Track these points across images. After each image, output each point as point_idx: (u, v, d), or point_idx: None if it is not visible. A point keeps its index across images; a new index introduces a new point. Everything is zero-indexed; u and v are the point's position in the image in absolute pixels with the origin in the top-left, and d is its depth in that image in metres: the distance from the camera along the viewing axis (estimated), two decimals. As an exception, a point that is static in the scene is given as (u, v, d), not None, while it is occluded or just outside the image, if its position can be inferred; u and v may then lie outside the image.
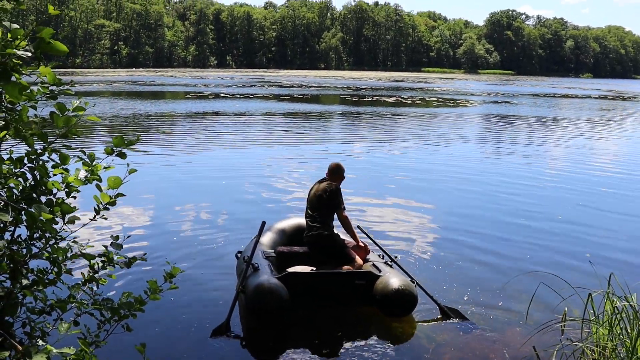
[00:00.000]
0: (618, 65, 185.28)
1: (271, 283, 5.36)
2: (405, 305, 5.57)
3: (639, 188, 12.49)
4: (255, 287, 5.34)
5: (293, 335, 5.45)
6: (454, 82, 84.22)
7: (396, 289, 5.53)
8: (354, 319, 5.78)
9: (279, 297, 5.27)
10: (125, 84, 55.67)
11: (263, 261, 5.94)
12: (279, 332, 5.44)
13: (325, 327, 5.60)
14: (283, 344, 5.27)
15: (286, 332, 5.46)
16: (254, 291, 5.31)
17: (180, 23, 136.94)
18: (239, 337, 5.32)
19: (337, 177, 6.50)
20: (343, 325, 5.64)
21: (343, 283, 5.83)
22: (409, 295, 5.55)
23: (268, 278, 5.46)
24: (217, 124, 23.57)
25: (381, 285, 5.67)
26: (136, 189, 10.49)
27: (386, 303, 5.58)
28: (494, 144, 19.92)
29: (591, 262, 6.30)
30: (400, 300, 5.53)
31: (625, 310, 4.29)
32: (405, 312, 5.64)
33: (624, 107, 42.84)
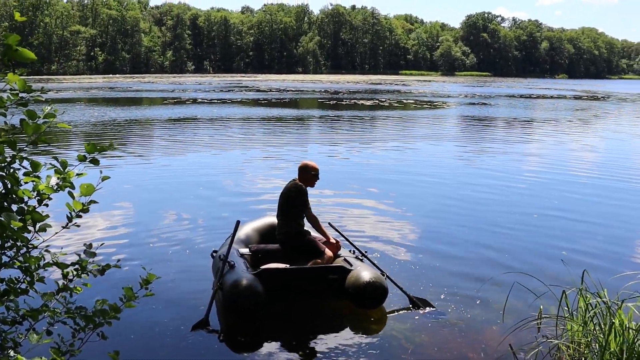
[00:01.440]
0: (592, 66, 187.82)
1: (247, 280, 5.55)
2: (377, 297, 5.80)
3: (612, 187, 12.65)
4: (232, 284, 5.53)
5: (269, 329, 5.59)
6: (431, 85, 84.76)
7: (367, 282, 5.75)
8: (327, 312, 6.02)
9: (254, 293, 5.46)
10: (101, 90, 55.28)
11: (238, 259, 6.11)
12: (256, 327, 5.57)
13: (300, 321, 5.82)
14: (260, 338, 5.42)
15: (263, 326, 5.60)
16: (231, 288, 5.50)
17: (157, 28, 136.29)
18: (217, 332, 5.45)
19: (304, 176, 6.65)
20: (317, 318, 5.90)
21: (316, 278, 6.05)
22: (379, 287, 5.79)
23: (244, 275, 5.65)
24: (194, 129, 23.49)
25: (353, 278, 5.88)
26: (111, 196, 10.43)
27: (358, 295, 5.79)
28: (471, 145, 20.08)
29: (563, 261, 6.38)
30: (371, 293, 5.75)
31: (598, 306, 4.35)
32: (377, 304, 5.86)
33: (598, 107, 43.41)
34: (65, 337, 2.74)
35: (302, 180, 6.64)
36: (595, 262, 7.16)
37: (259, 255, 6.48)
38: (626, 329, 3.94)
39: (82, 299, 3.30)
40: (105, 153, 2.83)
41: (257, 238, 6.90)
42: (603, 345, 3.95)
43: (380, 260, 7.02)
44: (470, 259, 7.58)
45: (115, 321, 2.84)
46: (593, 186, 12.61)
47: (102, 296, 3.02)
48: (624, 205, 10.89)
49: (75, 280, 2.89)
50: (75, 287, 2.87)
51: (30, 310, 2.67)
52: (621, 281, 5.14)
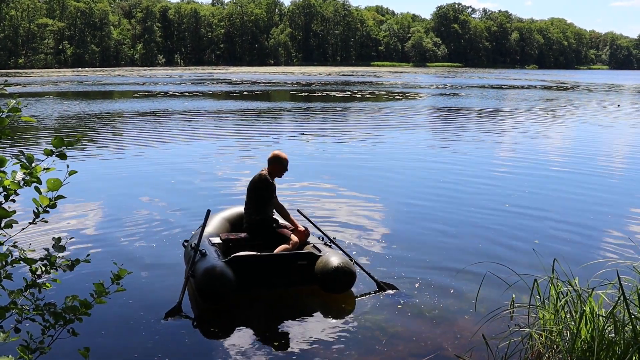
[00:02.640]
0: (561, 57, 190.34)
1: (218, 266, 5.69)
2: (345, 281, 5.97)
3: (582, 177, 12.83)
4: (204, 271, 5.65)
5: (241, 314, 5.76)
6: (403, 76, 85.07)
7: (336, 267, 5.92)
8: (297, 298, 6.19)
9: (226, 279, 5.60)
10: (71, 84, 54.50)
11: (210, 247, 6.26)
12: (228, 313, 5.73)
13: (271, 306, 6.01)
14: (232, 323, 5.58)
15: (234, 312, 5.77)
16: (203, 275, 5.63)
17: (126, 21, 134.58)
18: (190, 318, 5.60)
19: (273, 166, 6.76)
20: (287, 303, 6.09)
21: (286, 264, 6.20)
22: (348, 272, 5.95)
23: (215, 262, 5.78)
24: (165, 123, 23.26)
25: (322, 264, 6.05)
26: (80, 190, 10.33)
27: (327, 280, 5.96)
28: (442, 136, 20.22)
29: (535, 250, 6.43)
30: (340, 277, 5.92)
31: (570, 295, 4.40)
32: (345, 288, 6.03)
33: (567, 98, 43.98)
34: (34, 335, 2.69)
35: (271, 171, 6.76)
36: (566, 251, 7.25)
37: (229, 244, 6.63)
38: (596, 317, 3.99)
39: (52, 296, 3.25)
40: (75, 147, 2.79)
41: (227, 227, 7.05)
42: (574, 333, 4.00)
43: (353, 250, 7.14)
44: (442, 249, 7.64)
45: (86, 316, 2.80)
46: (563, 175, 12.78)
47: (73, 292, 2.96)
48: (594, 194, 11.03)
49: (44, 277, 2.83)
50: (44, 283, 2.81)
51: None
52: (591, 269, 5.20)
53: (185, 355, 4.93)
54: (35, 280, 2.79)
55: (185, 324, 5.47)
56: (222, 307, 5.74)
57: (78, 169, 2.80)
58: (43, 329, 2.71)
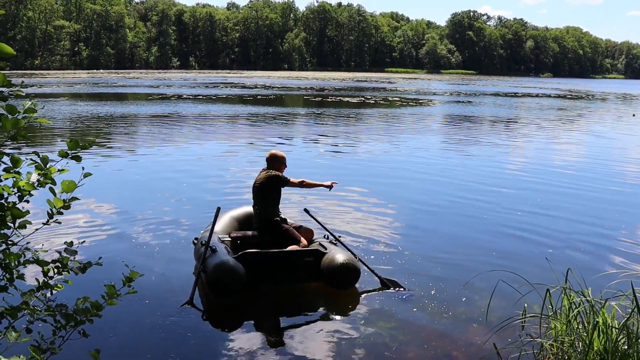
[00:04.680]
0: (576, 65, 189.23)
1: (229, 262, 5.89)
2: (350, 278, 6.20)
3: (596, 186, 12.74)
4: (215, 266, 5.86)
5: (249, 310, 5.99)
6: (416, 82, 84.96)
7: (341, 264, 6.13)
8: (303, 293, 6.44)
9: (236, 274, 5.81)
10: (86, 85, 54.84)
11: (219, 244, 6.44)
12: (237, 308, 5.94)
13: (278, 301, 6.24)
14: (241, 317, 5.80)
15: (243, 307, 5.98)
16: (214, 270, 5.84)
17: (141, 24, 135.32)
18: (201, 312, 5.79)
19: (274, 165, 6.98)
20: (294, 299, 6.35)
21: (293, 260, 6.40)
22: (352, 269, 6.18)
23: (226, 258, 5.98)
24: (178, 126, 23.34)
25: (327, 261, 6.26)
26: (94, 192, 10.37)
27: (332, 277, 6.19)
28: (456, 143, 20.15)
29: (548, 259, 6.39)
30: (345, 274, 6.15)
31: (582, 305, 4.37)
32: (350, 285, 6.26)
33: (582, 107, 43.73)
34: (45, 335, 2.69)
35: (274, 169, 6.97)
36: (579, 261, 7.18)
37: (238, 242, 6.81)
38: (609, 328, 3.95)
39: (63, 297, 3.26)
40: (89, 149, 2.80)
41: (236, 226, 7.23)
42: (587, 344, 3.96)
43: (361, 252, 7.25)
44: (455, 256, 7.60)
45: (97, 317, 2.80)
46: (577, 185, 12.69)
47: (84, 293, 2.97)
48: (608, 204, 10.96)
49: (56, 278, 2.84)
50: (56, 285, 2.82)
51: (9, 308, 2.62)
52: (605, 280, 5.16)
53: (196, 351, 5.02)
54: (47, 282, 2.80)
55: (195, 320, 5.61)
56: (232, 303, 5.94)
57: (91, 171, 2.81)
58: (54, 329, 2.72)
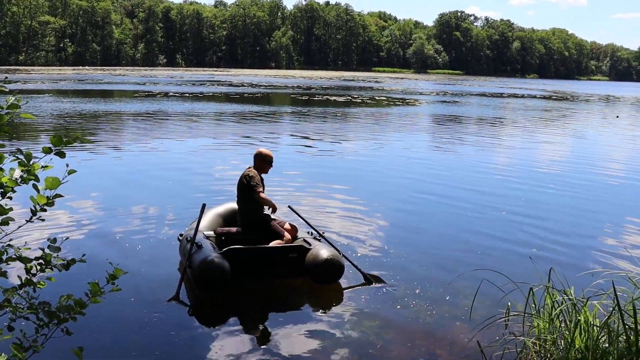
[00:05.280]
0: (562, 67, 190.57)
1: (215, 257, 5.96)
2: (334, 273, 6.31)
3: (580, 185, 12.84)
4: (201, 261, 5.92)
5: (235, 304, 6.07)
6: (403, 82, 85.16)
7: (325, 259, 6.23)
8: (288, 289, 6.53)
9: (222, 270, 5.87)
10: (71, 82, 54.46)
11: (205, 241, 6.50)
12: (222, 303, 6.02)
13: (263, 297, 6.32)
14: (226, 312, 5.90)
15: (229, 302, 6.06)
16: (200, 265, 5.90)
17: (128, 21, 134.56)
18: (187, 307, 5.86)
19: (258, 164, 7.04)
20: (279, 294, 6.43)
21: (278, 256, 6.49)
22: (336, 264, 6.29)
23: (211, 254, 6.04)
24: (164, 123, 23.23)
25: (311, 257, 6.36)
26: (78, 189, 10.29)
27: (316, 272, 6.29)
28: (441, 143, 20.23)
29: (531, 258, 6.44)
30: (329, 269, 6.26)
31: (565, 304, 4.41)
32: (334, 280, 6.37)
33: (567, 108, 44.05)
34: (27, 333, 2.67)
35: (256, 167, 7.01)
36: (562, 260, 7.24)
37: (223, 238, 6.89)
38: (591, 326, 3.99)
39: (46, 294, 3.24)
40: (74, 145, 2.78)
41: (220, 222, 7.29)
42: (569, 342, 4.00)
43: (347, 250, 7.27)
44: (439, 255, 7.64)
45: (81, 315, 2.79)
46: (560, 185, 12.78)
47: (67, 291, 2.94)
48: (591, 204, 11.06)
49: (39, 275, 2.82)
50: (39, 282, 2.80)
51: (-9, 306, 2.60)
52: (587, 279, 5.21)
53: (181, 347, 5.04)
54: (30, 279, 2.78)
55: (181, 316, 5.66)
56: (217, 298, 6.00)
57: (76, 168, 2.79)
58: (37, 327, 2.70)
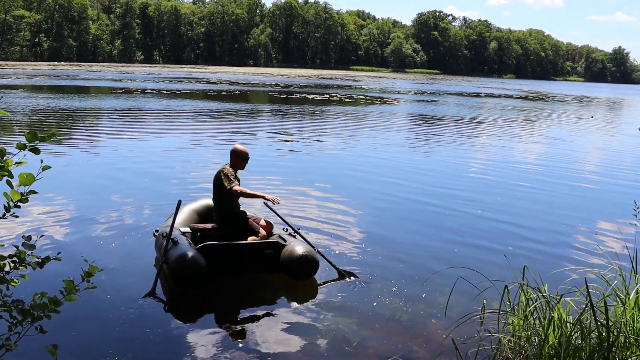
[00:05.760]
0: (538, 67, 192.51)
1: (191, 253, 6.00)
2: (309, 269, 6.40)
3: (554, 184, 13.01)
4: (177, 257, 5.95)
5: (211, 300, 6.13)
6: (381, 81, 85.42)
7: (300, 255, 6.33)
8: (264, 284, 6.60)
9: (198, 266, 5.91)
10: (46, 77, 53.80)
11: (181, 237, 6.51)
12: (199, 298, 6.06)
13: (239, 293, 6.37)
14: (202, 308, 5.96)
15: (205, 297, 6.11)
16: (176, 261, 5.93)
17: (105, 16, 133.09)
18: (163, 302, 5.90)
19: (233, 159, 7.04)
20: (254, 290, 6.48)
21: (254, 252, 6.55)
22: (311, 260, 6.38)
23: (188, 249, 6.08)
24: (141, 120, 23.08)
25: (287, 253, 6.44)
26: (53, 186, 10.22)
27: (292, 268, 6.37)
28: (418, 141, 20.35)
29: (506, 256, 6.51)
30: (304, 265, 6.34)
31: (539, 301, 4.46)
32: (309, 276, 6.46)
33: (543, 108, 44.54)
34: (0, 332, 2.65)
35: (232, 164, 7.02)
36: (537, 258, 7.33)
37: (198, 234, 6.90)
38: (564, 323, 4.04)
39: (21, 292, 3.20)
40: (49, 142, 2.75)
41: (196, 218, 7.30)
42: (542, 339, 4.05)
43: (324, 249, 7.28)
44: (415, 253, 7.70)
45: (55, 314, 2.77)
46: (536, 184, 12.92)
47: (42, 289, 2.92)
48: (565, 203, 11.20)
49: (13, 273, 2.79)
50: (12, 280, 2.77)
51: (-38, 304, 2.57)
52: (561, 276, 5.28)
53: (157, 344, 5.04)
54: (3, 276, 2.75)
55: (157, 312, 5.68)
56: (193, 294, 6.03)
57: (51, 164, 2.77)
58: (10, 325, 2.67)
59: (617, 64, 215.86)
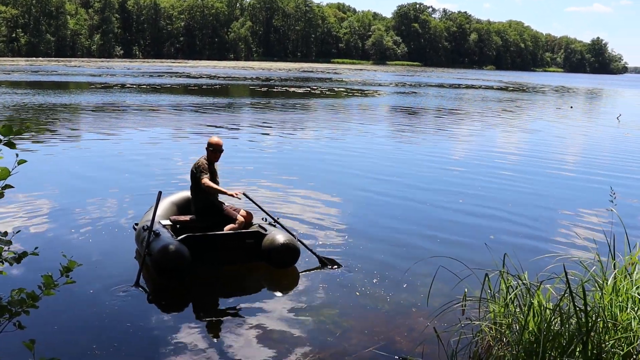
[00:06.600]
0: (518, 58, 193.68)
1: (174, 244, 6.07)
2: (290, 257, 6.54)
3: (533, 174, 13.13)
4: (160, 249, 6.00)
5: (194, 290, 6.21)
6: (362, 73, 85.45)
7: (282, 244, 6.47)
8: (246, 273, 6.66)
9: (181, 256, 5.99)
10: (24, 73, 53.17)
11: (162, 229, 6.58)
12: (181, 289, 6.13)
13: (222, 281, 6.47)
14: (185, 298, 6.05)
15: (188, 287, 6.19)
16: (159, 252, 5.98)
17: (83, 11, 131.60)
18: (146, 292, 5.95)
19: (208, 152, 7.13)
20: (237, 279, 6.55)
21: (235, 242, 6.66)
22: (293, 248, 6.52)
23: (170, 241, 6.16)
24: (120, 115, 22.87)
25: (268, 241, 6.57)
26: (31, 181, 10.15)
27: (273, 256, 6.50)
28: (400, 133, 20.40)
29: (487, 245, 6.56)
30: (285, 253, 6.48)
31: (519, 288, 4.50)
32: (290, 263, 6.59)
33: (523, 99, 44.84)
34: (-23, 328, 2.62)
35: (208, 156, 7.11)
36: (517, 246, 7.38)
37: (178, 226, 6.97)
38: (544, 309, 4.08)
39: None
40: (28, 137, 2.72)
41: (175, 210, 7.38)
42: (522, 325, 4.09)
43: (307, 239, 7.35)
44: (397, 243, 7.73)
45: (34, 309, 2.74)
46: (515, 173, 13.03)
47: (21, 285, 2.89)
48: (545, 192, 11.30)
49: (-11, 269, 2.76)
50: (-11, 275, 2.74)
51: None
52: (541, 263, 5.33)
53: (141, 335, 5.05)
54: (-21, 272, 2.72)
55: (140, 304, 5.73)
56: (176, 285, 6.10)
57: (29, 160, 2.74)
58: (-14, 322, 2.64)
59: (595, 54, 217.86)
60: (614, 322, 3.98)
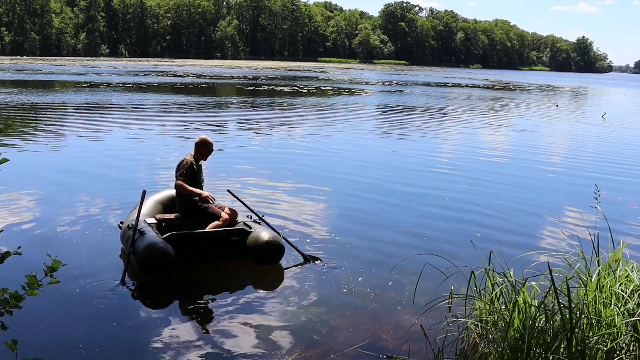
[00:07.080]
0: (505, 57, 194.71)
1: (159, 243, 6.08)
2: (275, 254, 6.56)
3: (521, 171, 13.20)
4: (145, 247, 6.00)
5: (179, 288, 6.22)
6: (349, 72, 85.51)
7: (266, 241, 6.49)
8: (231, 271, 6.69)
9: (166, 255, 5.98)
10: (8, 72, 52.71)
11: (147, 227, 6.57)
12: (167, 287, 6.15)
13: (206, 280, 6.48)
14: (171, 296, 6.05)
15: (173, 286, 6.20)
16: (144, 251, 5.97)
17: (68, 9, 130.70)
18: (131, 291, 5.94)
19: (196, 150, 7.17)
20: (222, 276, 6.58)
21: (220, 239, 6.70)
22: (277, 245, 6.54)
23: (155, 239, 6.16)
24: (106, 114, 22.72)
25: (253, 239, 6.59)
26: (16, 181, 10.05)
27: (258, 254, 6.53)
28: (387, 131, 20.44)
29: (472, 242, 6.58)
30: (270, 250, 6.50)
31: (505, 285, 4.52)
32: (275, 260, 6.62)
33: (509, 97, 45.05)
34: (-41, 329, 2.59)
35: (196, 155, 7.14)
36: (503, 243, 7.41)
37: (163, 224, 6.98)
38: (529, 306, 4.10)
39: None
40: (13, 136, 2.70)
41: (160, 209, 7.38)
42: (507, 322, 4.11)
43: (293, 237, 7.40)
44: (383, 241, 7.75)
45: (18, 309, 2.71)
46: (501, 171, 13.10)
47: (4, 285, 2.86)
48: (530, 190, 11.37)
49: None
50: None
51: None
52: (526, 261, 5.36)
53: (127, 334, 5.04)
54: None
55: (125, 302, 5.74)
56: (162, 283, 6.10)
57: (13, 159, 2.72)
58: (-32, 323, 2.62)
59: (581, 53, 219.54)
60: (598, 319, 4.01)
